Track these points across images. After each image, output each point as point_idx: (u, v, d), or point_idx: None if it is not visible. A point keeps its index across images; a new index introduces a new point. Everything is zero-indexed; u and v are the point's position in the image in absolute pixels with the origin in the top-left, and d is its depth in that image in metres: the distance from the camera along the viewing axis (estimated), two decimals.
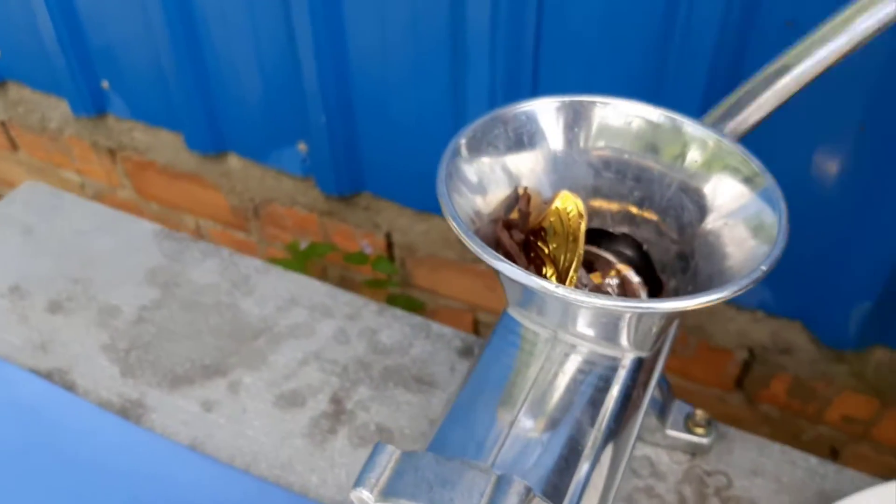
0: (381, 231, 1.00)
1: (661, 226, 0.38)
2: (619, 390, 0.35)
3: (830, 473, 0.45)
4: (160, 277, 0.56)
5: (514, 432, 0.32)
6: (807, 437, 0.98)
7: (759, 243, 0.33)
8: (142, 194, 1.17)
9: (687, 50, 0.68)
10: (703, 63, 0.68)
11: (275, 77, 0.91)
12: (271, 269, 0.56)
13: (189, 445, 0.47)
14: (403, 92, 0.85)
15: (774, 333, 0.88)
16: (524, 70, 0.78)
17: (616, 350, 0.35)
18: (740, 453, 0.46)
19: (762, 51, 0.66)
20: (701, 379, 0.97)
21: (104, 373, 0.51)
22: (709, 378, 0.97)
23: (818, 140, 0.70)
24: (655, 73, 0.72)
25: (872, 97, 0.65)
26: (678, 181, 0.37)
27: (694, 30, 0.67)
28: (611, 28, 0.71)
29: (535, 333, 0.36)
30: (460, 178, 0.35)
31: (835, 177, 0.72)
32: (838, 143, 0.69)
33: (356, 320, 0.53)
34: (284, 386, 0.50)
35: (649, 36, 0.70)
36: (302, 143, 0.96)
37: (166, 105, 1.00)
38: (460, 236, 0.31)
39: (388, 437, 0.47)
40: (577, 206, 0.37)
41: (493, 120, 0.37)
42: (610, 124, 0.38)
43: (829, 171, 0.72)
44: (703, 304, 0.30)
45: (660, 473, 0.45)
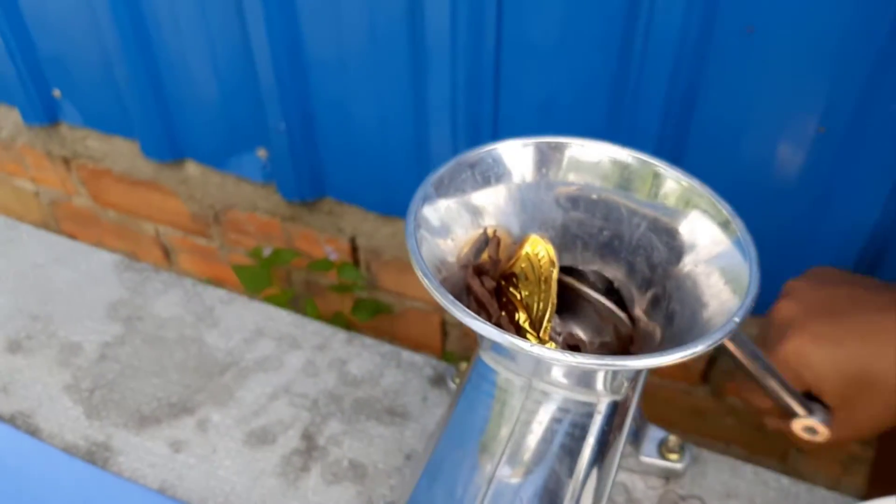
0: (346, 235, 0.99)
1: (630, 264, 0.37)
2: (595, 437, 0.35)
3: (802, 493, 0.46)
4: (122, 311, 0.55)
5: (493, 490, 0.32)
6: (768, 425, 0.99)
7: (731, 289, 0.33)
8: (98, 202, 1.14)
9: (648, 55, 0.68)
10: (664, 67, 0.68)
11: (231, 83, 0.89)
12: (236, 300, 0.55)
13: (159, 489, 0.46)
14: (363, 96, 0.84)
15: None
16: (485, 72, 0.77)
17: (591, 396, 0.35)
18: (714, 476, 0.47)
19: (723, 55, 0.66)
20: (668, 374, 0.98)
21: (68, 415, 0.50)
22: (675, 373, 0.98)
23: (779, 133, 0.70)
24: (616, 78, 0.72)
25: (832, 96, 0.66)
26: (647, 221, 0.37)
27: (654, 36, 0.67)
28: (571, 30, 0.71)
29: (510, 381, 0.35)
30: (428, 226, 0.35)
31: (795, 172, 0.72)
32: (798, 138, 0.70)
33: (325, 350, 0.52)
34: (254, 422, 0.49)
35: (610, 41, 0.70)
36: (261, 150, 0.94)
37: (120, 113, 0.97)
38: (433, 294, 0.31)
39: (362, 473, 0.47)
40: (548, 252, 0.36)
41: (460, 164, 0.36)
42: (578, 164, 0.37)
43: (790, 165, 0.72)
44: (678, 360, 0.29)
45: (635, 500, 0.46)
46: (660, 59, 0.68)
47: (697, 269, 0.35)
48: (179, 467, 0.47)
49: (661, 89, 0.70)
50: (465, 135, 0.81)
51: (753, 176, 0.74)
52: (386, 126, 0.86)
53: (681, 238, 0.36)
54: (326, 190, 0.95)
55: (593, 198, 0.37)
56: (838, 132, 0.68)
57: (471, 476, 0.33)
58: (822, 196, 0.72)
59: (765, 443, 1.02)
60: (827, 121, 0.67)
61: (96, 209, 1.16)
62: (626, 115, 0.73)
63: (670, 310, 0.35)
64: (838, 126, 0.67)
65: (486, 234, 0.37)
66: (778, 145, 0.71)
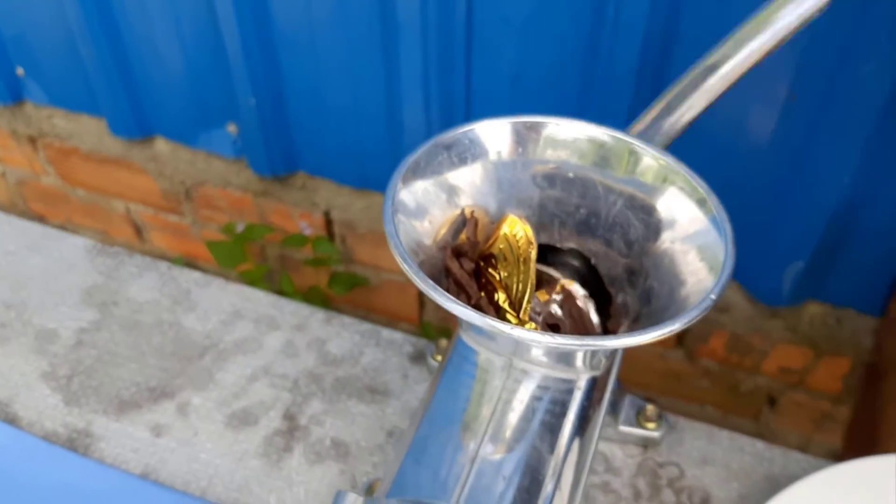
0: (319, 209, 0.99)
1: (608, 242, 0.38)
2: (574, 413, 0.35)
3: (777, 457, 0.47)
4: (97, 297, 0.55)
5: (476, 469, 0.32)
6: (745, 388, 1.01)
7: (708, 266, 0.33)
8: (67, 181, 1.12)
9: (620, 26, 0.68)
10: (635, 38, 0.68)
11: (199, 58, 0.88)
12: (212, 282, 0.55)
13: (142, 474, 0.46)
14: (334, 70, 0.83)
15: None
16: (457, 45, 0.77)
17: (571, 373, 0.36)
18: (690, 443, 0.48)
19: (694, 25, 0.66)
20: None
21: (47, 402, 0.50)
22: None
23: (751, 101, 0.71)
24: (588, 50, 0.71)
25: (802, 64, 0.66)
26: (624, 199, 0.37)
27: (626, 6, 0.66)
28: (543, 2, 0.70)
29: (490, 361, 0.36)
30: (405, 209, 0.35)
31: (766, 139, 0.73)
32: (770, 105, 0.70)
33: (304, 331, 0.52)
34: (235, 405, 0.49)
35: (581, 12, 0.70)
36: (232, 125, 0.93)
37: (86, 90, 0.96)
38: (413, 278, 0.31)
39: (345, 451, 0.47)
40: (526, 232, 0.36)
41: (436, 146, 0.36)
42: (554, 143, 0.38)
43: (761, 132, 0.73)
44: (655, 338, 0.30)
45: (614, 469, 0.46)
46: (631, 30, 0.67)
47: (674, 247, 0.35)
48: (161, 452, 0.47)
49: (633, 60, 0.70)
50: (439, 107, 0.81)
51: (725, 145, 0.75)
52: (358, 99, 0.85)
53: (657, 215, 0.36)
54: (299, 164, 0.95)
55: (570, 176, 0.38)
56: (809, 99, 0.68)
57: (454, 456, 0.33)
58: (794, 163, 0.73)
59: (738, 403, 1.04)
60: (798, 88, 0.68)
61: (65, 188, 1.14)
62: (599, 85, 0.73)
63: (647, 287, 0.36)
64: (809, 93, 0.68)
65: (463, 214, 0.37)
66: (749, 114, 0.72)
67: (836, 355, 0.91)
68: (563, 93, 0.76)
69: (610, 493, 0.46)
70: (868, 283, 0.79)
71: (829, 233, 0.77)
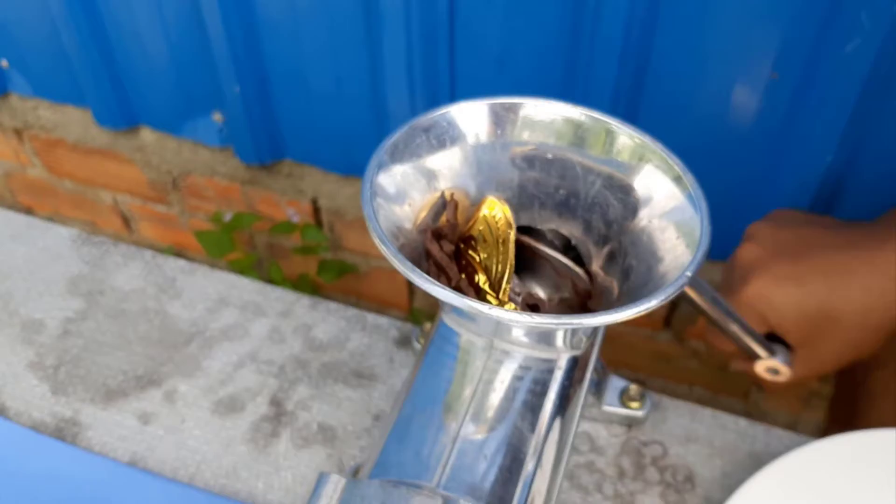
0: (307, 197, 0.99)
1: (587, 221, 0.38)
2: (555, 392, 0.35)
3: (760, 434, 0.47)
4: (82, 286, 0.55)
5: (457, 448, 0.33)
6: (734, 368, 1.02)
7: (685, 243, 0.33)
8: (54, 172, 1.12)
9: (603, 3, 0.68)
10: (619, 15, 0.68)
11: (182, 47, 0.88)
12: (197, 269, 0.55)
13: (130, 462, 0.47)
14: (318, 55, 0.83)
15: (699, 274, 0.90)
16: (440, 26, 0.76)
17: (551, 352, 0.36)
18: (674, 421, 0.48)
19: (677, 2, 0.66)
20: (632, 321, 1.00)
21: (34, 392, 0.50)
22: (639, 320, 0.99)
23: (733, 80, 0.71)
24: (572, 29, 0.71)
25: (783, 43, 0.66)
26: (602, 178, 0.37)
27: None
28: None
29: (472, 342, 0.36)
30: (384, 193, 0.35)
31: (750, 118, 0.73)
32: (752, 84, 0.71)
33: (289, 317, 0.53)
34: (222, 391, 0.49)
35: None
36: (217, 114, 0.93)
37: (71, 81, 0.95)
38: (392, 261, 0.31)
39: (332, 436, 0.47)
40: (505, 213, 0.37)
41: (414, 129, 0.36)
42: (532, 124, 0.38)
43: (744, 111, 0.73)
44: (633, 315, 0.30)
45: (599, 448, 0.47)
46: (614, 11, 0.67)
47: (652, 224, 0.35)
48: (149, 439, 0.48)
49: (617, 38, 0.70)
50: (423, 91, 0.81)
51: (709, 124, 0.75)
52: (342, 85, 0.85)
53: (635, 194, 0.36)
54: (285, 152, 0.95)
55: (548, 157, 0.38)
56: (791, 77, 0.68)
57: (436, 435, 0.33)
58: (777, 141, 0.73)
59: (727, 383, 1.05)
60: (780, 66, 0.68)
61: (52, 180, 1.14)
62: (583, 66, 0.73)
63: (627, 265, 0.36)
64: (791, 71, 0.68)
65: (443, 197, 0.37)
66: (732, 92, 0.72)
67: None
68: (548, 74, 0.76)
69: (595, 472, 0.46)
70: None
71: (813, 210, 0.77)
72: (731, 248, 0.85)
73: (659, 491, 0.45)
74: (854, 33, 0.63)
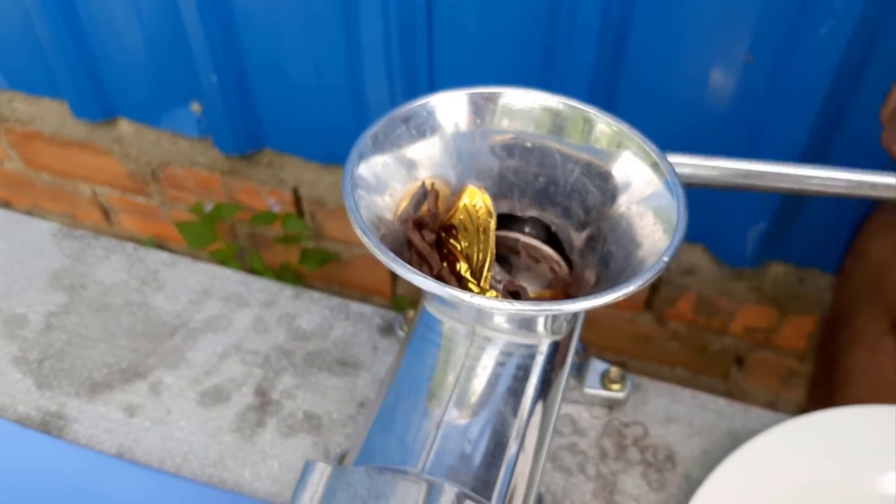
0: (287, 186, 0.99)
1: (566, 209, 0.39)
2: (537, 377, 0.36)
3: (738, 413, 0.48)
4: (64, 280, 0.55)
5: (441, 433, 0.33)
6: (713, 348, 1.03)
7: (663, 228, 0.34)
8: (31, 165, 1.11)
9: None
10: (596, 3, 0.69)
11: (159, 36, 0.87)
12: (179, 262, 0.55)
13: (116, 454, 0.47)
14: (296, 44, 0.83)
15: (678, 257, 0.91)
16: (418, 14, 0.77)
17: (533, 338, 0.37)
18: (654, 402, 0.49)
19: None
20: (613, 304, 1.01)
21: (18, 387, 0.50)
22: (620, 303, 1.00)
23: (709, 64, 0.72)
24: (549, 16, 0.72)
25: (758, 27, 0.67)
26: (581, 166, 0.37)
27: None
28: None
29: (454, 329, 0.36)
30: (365, 184, 0.35)
31: (726, 101, 0.74)
32: (728, 68, 0.71)
33: (273, 307, 0.53)
34: (207, 382, 0.50)
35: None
36: (195, 104, 0.93)
37: (46, 73, 0.95)
38: (374, 252, 0.32)
39: (317, 424, 0.48)
40: (485, 202, 0.37)
41: (393, 120, 0.37)
42: (511, 113, 0.38)
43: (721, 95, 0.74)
44: (612, 300, 0.31)
45: (581, 430, 0.48)
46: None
47: (630, 211, 0.36)
48: (135, 431, 0.48)
49: (594, 23, 0.70)
50: (401, 79, 0.81)
51: (686, 108, 0.76)
52: (321, 74, 0.85)
53: (613, 181, 0.37)
54: (265, 141, 0.94)
55: (527, 145, 0.38)
56: (766, 61, 0.69)
57: (420, 422, 0.34)
58: (753, 124, 0.74)
59: (707, 364, 1.06)
60: (755, 49, 0.69)
61: (29, 173, 1.13)
62: (560, 51, 0.74)
63: (606, 251, 0.37)
64: (766, 55, 0.69)
65: (423, 187, 0.38)
66: (708, 77, 0.72)
67: (801, 314, 0.93)
68: (526, 61, 0.76)
69: (577, 453, 0.47)
70: (827, 241, 0.81)
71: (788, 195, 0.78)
72: (706, 233, 0.86)
73: (640, 471, 0.46)
74: (827, 16, 0.64)
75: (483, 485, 0.33)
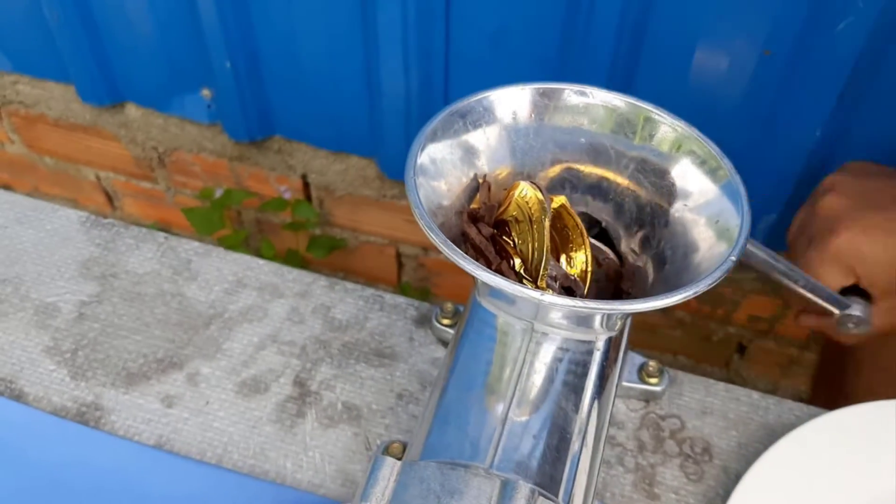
0: (296, 173, 0.98)
1: (619, 205, 0.39)
2: (595, 373, 0.36)
3: (772, 406, 0.49)
4: (95, 269, 0.54)
5: (507, 430, 0.34)
6: (717, 337, 1.04)
7: (720, 229, 0.34)
8: (33, 149, 1.10)
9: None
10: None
11: (170, 20, 0.86)
12: (212, 251, 0.55)
13: (156, 444, 0.47)
14: (311, 29, 0.82)
15: None
16: (437, 1, 0.76)
17: (590, 334, 0.37)
18: (689, 395, 0.49)
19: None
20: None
21: (52, 377, 0.50)
22: None
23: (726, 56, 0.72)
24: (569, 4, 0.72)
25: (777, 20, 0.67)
26: (636, 163, 0.38)
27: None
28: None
29: (511, 325, 0.37)
30: (424, 175, 0.35)
31: (741, 94, 0.74)
32: (744, 61, 0.72)
33: (307, 298, 0.53)
34: (244, 373, 0.50)
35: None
36: (206, 89, 0.92)
37: (53, 56, 0.93)
38: (439, 246, 0.32)
39: (357, 415, 0.48)
40: (535, 195, 0.37)
41: (451, 115, 0.37)
42: (567, 109, 0.38)
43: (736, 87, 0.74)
44: (679, 300, 0.31)
45: (619, 422, 0.48)
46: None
47: (687, 213, 0.36)
48: (174, 422, 0.48)
49: (614, 15, 0.70)
50: (417, 68, 0.81)
51: (701, 100, 0.76)
52: (335, 60, 0.84)
53: (670, 180, 0.37)
54: (275, 128, 0.94)
55: (582, 142, 0.38)
56: (783, 55, 0.70)
57: (485, 418, 0.34)
58: (768, 117, 0.75)
59: (709, 352, 1.07)
60: (772, 44, 0.69)
61: (32, 157, 1.12)
62: (579, 42, 0.74)
63: (661, 250, 0.37)
64: (783, 49, 0.69)
65: (476, 179, 0.38)
66: (725, 69, 0.73)
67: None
68: (544, 50, 0.76)
69: (616, 445, 0.47)
70: None
71: (802, 185, 0.79)
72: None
73: (678, 463, 0.46)
74: (847, 12, 0.65)
75: (550, 480, 0.33)
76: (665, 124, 0.37)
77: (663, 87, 0.76)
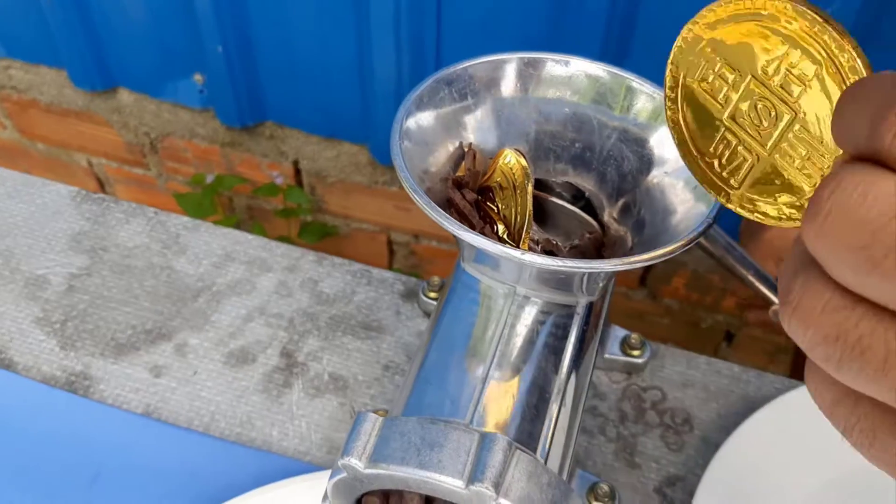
0: (288, 159, 0.99)
1: (601, 174, 0.39)
2: (575, 336, 0.37)
3: (752, 379, 0.50)
4: (85, 243, 0.55)
5: (487, 388, 0.34)
6: (705, 324, 1.05)
7: (696, 196, 0.35)
8: (25, 134, 1.10)
9: None
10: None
11: (163, 5, 0.87)
12: (201, 226, 0.56)
13: (144, 413, 0.48)
14: (303, 16, 0.83)
15: None
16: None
17: (570, 298, 0.37)
18: (671, 367, 0.50)
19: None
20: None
21: (42, 347, 0.50)
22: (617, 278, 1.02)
23: None
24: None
25: None
26: (618, 133, 0.38)
27: None
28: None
29: (493, 289, 0.37)
30: (410, 140, 0.36)
31: None
32: None
33: (295, 272, 0.54)
34: (232, 344, 0.50)
35: None
36: (198, 75, 0.93)
37: (46, 41, 0.94)
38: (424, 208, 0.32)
39: (343, 385, 0.48)
40: (519, 161, 0.38)
41: (437, 82, 0.37)
42: (551, 79, 0.39)
43: None
44: (658, 258, 0.32)
45: (601, 394, 0.49)
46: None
47: (666, 178, 0.37)
48: (162, 391, 0.48)
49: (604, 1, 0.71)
50: (409, 53, 0.81)
51: None
52: (327, 47, 0.85)
53: (650, 148, 0.38)
54: (267, 114, 0.94)
55: (566, 111, 0.39)
56: None
57: (466, 378, 0.35)
58: None
59: (697, 339, 1.08)
60: None
61: (24, 142, 1.12)
62: (569, 29, 0.74)
63: (641, 217, 0.38)
64: None
65: (461, 147, 0.38)
66: None
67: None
68: (534, 36, 0.77)
69: (598, 416, 0.48)
70: None
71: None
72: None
73: (659, 433, 0.47)
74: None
75: (528, 436, 0.34)
76: (645, 93, 0.37)
77: (657, 64, 0.76)
